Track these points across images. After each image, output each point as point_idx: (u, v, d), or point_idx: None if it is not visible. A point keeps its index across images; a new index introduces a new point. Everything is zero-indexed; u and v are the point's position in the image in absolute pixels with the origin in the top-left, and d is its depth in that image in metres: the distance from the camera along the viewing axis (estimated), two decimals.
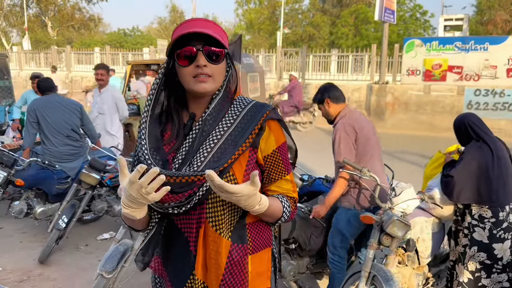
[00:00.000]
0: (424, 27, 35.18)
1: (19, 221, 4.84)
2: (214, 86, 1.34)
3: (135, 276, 3.62)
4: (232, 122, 1.34)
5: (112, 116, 5.85)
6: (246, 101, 1.41)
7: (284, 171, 1.44)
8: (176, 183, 1.25)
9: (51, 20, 41.55)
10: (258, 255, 1.44)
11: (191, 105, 1.40)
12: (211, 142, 1.31)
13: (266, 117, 1.36)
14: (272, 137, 1.39)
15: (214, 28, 1.34)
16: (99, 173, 4.31)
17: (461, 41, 13.11)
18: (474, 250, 2.92)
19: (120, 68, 19.53)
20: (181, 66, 1.32)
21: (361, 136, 3.15)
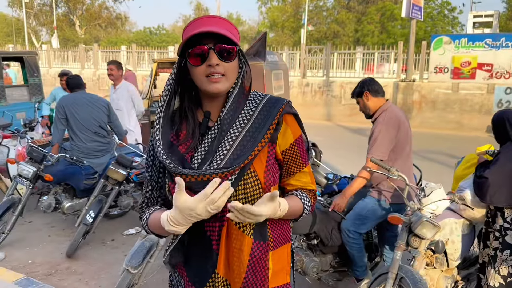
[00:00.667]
0: (452, 24, 34.45)
1: (48, 216, 4.94)
2: (227, 85, 1.33)
3: (160, 271, 3.66)
4: (249, 118, 1.34)
5: (129, 112, 5.95)
6: (260, 96, 1.41)
7: (302, 164, 1.44)
8: (198, 182, 1.25)
9: (79, 19, 42.39)
10: (278, 251, 1.44)
11: (205, 103, 1.39)
12: (229, 140, 1.31)
13: (282, 112, 1.36)
14: (289, 131, 1.40)
15: (225, 25, 1.33)
16: (126, 169, 4.36)
17: (491, 38, 12.75)
18: (507, 254, 2.82)
19: (146, 66, 19.78)
20: (193, 65, 1.31)
21: (402, 131, 3.17)
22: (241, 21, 50.32)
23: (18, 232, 4.65)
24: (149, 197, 1.48)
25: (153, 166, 1.46)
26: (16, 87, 8.13)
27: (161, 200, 1.47)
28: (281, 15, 37.36)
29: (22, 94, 7.80)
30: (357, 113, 13.69)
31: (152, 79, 7.12)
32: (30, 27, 41.06)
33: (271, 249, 1.41)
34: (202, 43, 1.28)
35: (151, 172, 1.47)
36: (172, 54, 20.37)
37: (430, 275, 3.08)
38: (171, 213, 1.23)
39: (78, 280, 3.80)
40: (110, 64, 5.88)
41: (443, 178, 4.34)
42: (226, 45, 1.29)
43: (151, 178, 1.47)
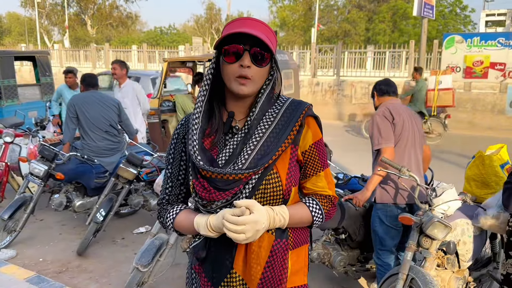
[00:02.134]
0: (464, 22, 34.07)
1: (59, 214, 4.98)
2: (253, 89, 1.35)
3: (170, 270, 3.67)
4: (272, 120, 1.37)
5: (135, 110, 5.97)
6: (284, 98, 1.44)
7: (319, 167, 1.45)
8: (223, 180, 1.30)
9: (91, 19, 42.70)
10: (296, 251, 1.45)
11: (229, 102, 1.41)
12: (254, 140, 1.34)
13: (305, 114, 1.39)
14: (310, 133, 1.42)
15: (265, 31, 1.35)
16: (136, 168, 4.38)
17: (504, 37, 12.58)
18: None
19: (156, 65, 19.86)
20: (226, 62, 1.33)
21: (398, 120, 3.19)
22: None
23: (30, 230, 4.70)
24: (169, 194, 1.51)
25: (174, 163, 1.49)
26: (28, 86, 8.21)
27: (181, 197, 1.51)
28: (292, 14, 37.29)
29: (34, 93, 7.89)
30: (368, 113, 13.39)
31: (163, 79, 7.14)
32: (42, 26, 41.47)
33: (290, 248, 1.42)
34: (239, 42, 1.31)
35: (171, 169, 1.50)
36: (182, 53, 20.43)
37: (441, 276, 3.04)
38: (212, 221, 1.30)
39: (88, 278, 3.82)
40: (113, 64, 5.95)
41: (455, 178, 4.29)
42: (261, 50, 1.32)
43: (171, 175, 1.50)
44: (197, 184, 1.34)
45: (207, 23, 44.36)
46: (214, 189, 1.31)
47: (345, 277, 3.75)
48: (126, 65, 6.04)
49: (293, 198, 1.42)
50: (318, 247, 3.49)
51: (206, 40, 39.02)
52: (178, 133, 1.49)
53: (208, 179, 1.32)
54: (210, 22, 43.97)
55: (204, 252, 1.42)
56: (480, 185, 3.28)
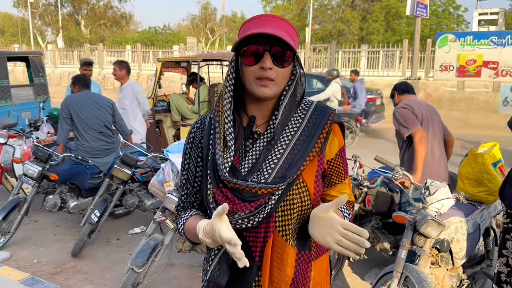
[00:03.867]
0: (458, 21, 34.22)
1: (53, 215, 4.96)
2: (276, 91, 1.26)
3: (165, 270, 3.67)
4: (298, 126, 1.30)
5: (134, 111, 5.94)
6: (308, 102, 1.36)
7: (344, 175, 1.41)
8: (246, 192, 1.22)
9: (84, 19, 42.53)
10: (319, 261, 1.40)
11: (250, 106, 1.32)
12: (279, 148, 1.26)
13: (332, 121, 1.32)
14: (336, 141, 1.36)
15: (286, 29, 1.27)
16: (131, 169, 4.37)
17: (497, 36, 12.68)
18: None
19: (150, 65, 19.82)
20: (246, 64, 1.25)
21: (417, 111, 3.56)
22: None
23: (24, 232, 4.68)
24: (184, 201, 1.44)
25: (190, 170, 1.40)
26: (21, 87, 8.16)
27: (196, 205, 1.42)
28: (286, 13, 37.29)
29: (27, 94, 7.84)
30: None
31: (157, 79, 7.13)
32: (35, 27, 41.24)
33: (313, 258, 1.36)
34: (258, 42, 1.22)
35: (186, 175, 1.41)
36: (177, 53, 20.40)
37: (435, 274, 3.06)
38: (207, 225, 1.18)
39: (83, 279, 3.81)
40: (114, 64, 5.98)
41: None
42: (282, 49, 1.23)
43: (186, 182, 1.42)
44: (219, 194, 1.25)
45: (201, 23, 44.29)
46: (238, 199, 1.22)
47: (344, 274, 3.77)
48: (125, 65, 6.02)
49: None
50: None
51: (200, 40, 38.97)
52: (193, 137, 1.39)
53: (230, 189, 1.24)
54: (205, 22, 43.91)
55: (225, 279, 1.32)
56: (473, 183, 3.30)
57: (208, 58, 8.03)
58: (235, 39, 10.11)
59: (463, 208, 3.14)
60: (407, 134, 3.52)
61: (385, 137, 10.54)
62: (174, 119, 7.33)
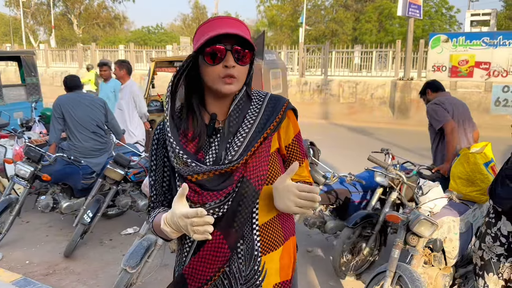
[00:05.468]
0: (450, 22, 34.43)
1: (46, 215, 4.93)
2: (238, 87, 1.35)
3: (158, 271, 3.65)
4: (256, 115, 1.38)
5: (131, 113, 5.89)
6: (262, 93, 1.45)
7: (302, 159, 1.50)
8: (216, 177, 1.30)
9: (77, 18, 42.30)
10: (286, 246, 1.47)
11: (210, 104, 1.40)
12: (240, 138, 1.34)
13: (286, 107, 1.41)
14: (291, 127, 1.45)
15: (243, 28, 1.34)
16: (124, 169, 4.35)
17: (489, 37, 12.76)
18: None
19: (144, 65, 19.74)
20: (208, 64, 1.31)
21: (448, 107, 3.93)
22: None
23: (16, 232, 4.64)
24: (154, 201, 1.48)
25: (157, 170, 1.46)
26: (13, 86, 8.10)
27: (166, 203, 1.47)
28: (280, 14, 37.32)
29: (19, 94, 7.77)
30: (355, 112, 13.67)
31: (150, 78, 7.11)
32: (27, 26, 40.95)
33: (278, 246, 1.43)
34: (220, 43, 1.29)
35: (154, 176, 1.46)
36: (170, 53, 20.34)
37: (428, 273, 3.08)
38: (168, 213, 1.26)
39: (76, 280, 3.79)
40: (114, 64, 6.09)
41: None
42: (242, 49, 1.31)
43: (155, 183, 1.47)
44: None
45: (194, 22, 44.20)
46: (206, 191, 1.30)
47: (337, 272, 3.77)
48: (126, 64, 5.99)
49: None
50: (313, 216, 3.96)
51: None
52: (157, 139, 1.45)
53: (196, 183, 1.31)
54: (198, 22, 43.83)
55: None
56: (465, 182, 3.32)
57: None
58: None
59: (456, 207, 3.16)
60: (438, 126, 3.93)
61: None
62: None
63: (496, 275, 2.73)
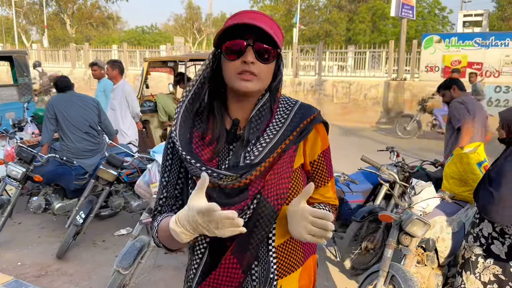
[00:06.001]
0: (443, 23, 34.65)
1: (38, 216, 4.90)
2: (259, 87, 1.20)
3: (151, 272, 3.64)
4: (281, 124, 1.23)
5: (123, 113, 5.86)
6: (292, 101, 1.30)
7: (327, 177, 1.35)
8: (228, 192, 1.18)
9: (70, 18, 42.08)
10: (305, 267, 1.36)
11: (232, 107, 1.27)
12: (259, 146, 1.20)
13: (315, 117, 1.26)
14: (319, 141, 1.30)
15: (270, 24, 1.21)
16: (117, 170, 4.33)
17: (481, 37, 12.84)
18: (490, 262, 2.78)
19: (137, 65, 19.67)
20: (227, 59, 1.19)
21: (471, 109, 4.02)
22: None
23: (7, 234, 4.60)
24: (162, 205, 1.34)
25: (172, 171, 1.32)
26: (5, 86, 8.04)
27: (176, 208, 1.32)
28: (273, 14, 37.36)
29: (11, 94, 7.72)
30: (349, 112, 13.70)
31: (143, 78, 7.08)
32: (20, 26, 40.67)
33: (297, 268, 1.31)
34: (241, 37, 1.17)
35: (168, 177, 1.33)
36: (164, 53, 20.28)
37: (421, 272, 3.09)
38: (181, 211, 1.10)
39: (68, 282, 3.76)
40: (107, 64, 6.00)
41: None
42: (266, 45, 1.18)
43: (167, 184, 1.33)
44: None
45: (188, 22, 44.11)
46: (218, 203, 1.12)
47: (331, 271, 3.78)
48: (118, 64, 5.96)
49: None
50: None
51: (188, 40, 38.82)
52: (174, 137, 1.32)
53: (210, 194, 1.17)
54: (192, 22, 43.76)
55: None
56: (458, 182, 3.34)
57: (195, 58, 8.00)
58: None
59: (448, 207, 3.17)
60: (457, 125, 4.05)
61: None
62: (161, 119, 7.29)
63: (473, 275, 2.77)
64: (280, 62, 1.26)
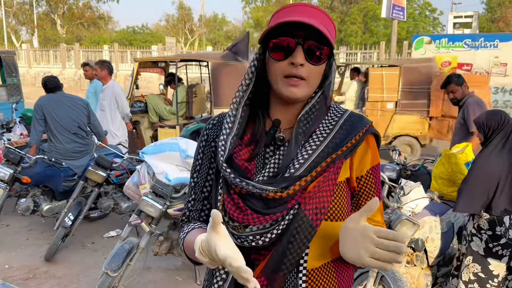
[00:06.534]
0: (433, 24, 34.92)
1: (26, 218, 4.85)
2: (307, 92, 1.09)
3: (141, 274, 3.61)
4: (328, 133, 1.11)
5: (113, 113, 5.84)
6: (341, 109, 1.18)
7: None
8: (263, 200, 1.05)
9: (61, 18, 41.81)
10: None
11: (275, 108, 1.15)
12: (304, 153, 1.08)
13: (367, 129, 1.13)
14: (369, 155, 1.15)
15: (323, 20, 1.09)
16: (106, 171, 4.29)
17: (470, 39, 12.94)
18: (470, 260, 2.83)
19: (128, 65, 19.60)
20: (274, 59, 1.07)
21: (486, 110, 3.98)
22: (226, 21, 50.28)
23: None
24: (191, 209, 1.24)
25: (201, 172, 1.22)
26: None
27: (204, 215, 1.22)
28: (265, 15, 37.39)
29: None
30: None
31: (134, 79, 7.04)
32: (9, 26, 40.31)
33: None
34: (290, 34, 1.05)
35: (196, 178, 1.23)
36: (155, 53, 20.23)
37: (410, 273, 3.10)
38: (204, 240, 0.95)
39: (56, 284, 3.72)
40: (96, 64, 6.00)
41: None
42: (318, 44, 1.06)
43: (195, 185, 1.23)
44: (229, 201, 1.08)
45: (180, 23, 44.01)
46: (251, 209, 1.05)
47: None
48: (107, 65, 5.94)
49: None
50: None
51: (179, 40, 38.72)
52: (207, 134, 1.22)
53: (243, 197, 1.07)
54: (183, 22, 43.66)
55: None
56: (446, 182, 3.35)
57: (186, 59, 7.98)
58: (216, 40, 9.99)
59: (437, 207, 3.19)
60: (473, 129, 3.95)
61: None
62: (152, 120, 7.25)
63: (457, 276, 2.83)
64: (332, 61, 1.14)
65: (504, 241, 2.72)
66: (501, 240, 2.73)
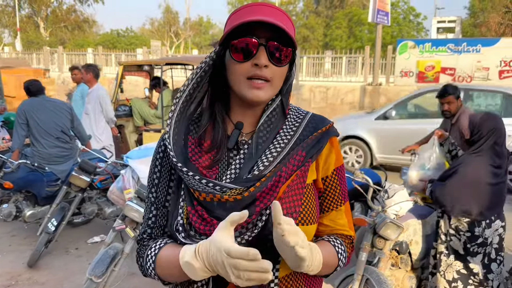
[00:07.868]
0: (417, 29, 35.42)
1: (8, 224, 4.77)
2: (271, 94, 1.06)
3: (125, 280, 3.58)
4: (292, 134, 1.09)
5: (97, 117, 5.81)
6: (302, 111, 1.16)
7: (340, 199, 1.16)
8: (232, 203, 1.00)
9: (44, 21, 41.35)
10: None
11: (236, 110, 1.11)
12: (269, 156, 1.04)
13: (331, 130, 1.12)
14: (334, 155, 1.14)
15: (283, 19, 1.05)
16: (89, 176, 4.25)
17: (453, 43, 13.15)
18: (452, 259, 2.87)
19: (113, 69, 19.43)
20: (235, 60, 1.03)
21: None
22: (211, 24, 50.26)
23: None
24: (152, 226, 1.14)
25: (160, 185, 1.14)
26: None
27: (168, 230, 1.12)
28: None
29: None
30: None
31: (118, 82, 6.99)
32: None
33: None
34: (252, 35, 1.01)
35: (156, 192, 1.14)
36: (140, 56, 20.10)
37: (395, 275, 3.13)
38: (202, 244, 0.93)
39: None
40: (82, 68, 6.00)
41: None
42: (281, 45, 1.02)
43: (156, 200, 1.14)
44: (193, 213, 1.01)
45: (165, 26, 43.88)
46: (216, 219, 0.98)
47: None
48: (93, 68, 5.90)
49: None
50: None
51: (165, 44, 38.57)
52: (165, 145, 1.11)
53: (207, 208, 1.01)
54: (169, 26, 43.52)
55: None
56: None
57: (171, 62, 7.94)
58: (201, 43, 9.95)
59: (421, 210, 3.22)
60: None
61: None
62: (136, 124, 7.21)
63: (439, 273, 2.86)
64: (293, 63, 1.11)
65: (481, 241, 2.81)
66: (478, 240, 2.81)
